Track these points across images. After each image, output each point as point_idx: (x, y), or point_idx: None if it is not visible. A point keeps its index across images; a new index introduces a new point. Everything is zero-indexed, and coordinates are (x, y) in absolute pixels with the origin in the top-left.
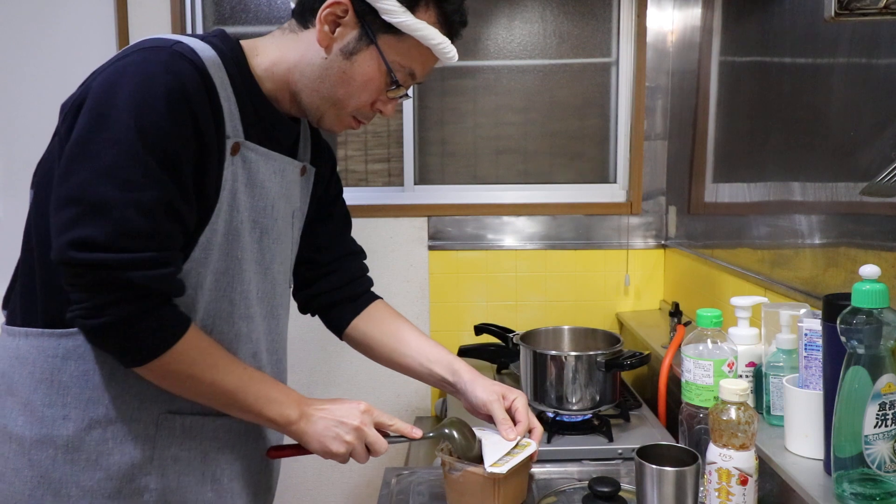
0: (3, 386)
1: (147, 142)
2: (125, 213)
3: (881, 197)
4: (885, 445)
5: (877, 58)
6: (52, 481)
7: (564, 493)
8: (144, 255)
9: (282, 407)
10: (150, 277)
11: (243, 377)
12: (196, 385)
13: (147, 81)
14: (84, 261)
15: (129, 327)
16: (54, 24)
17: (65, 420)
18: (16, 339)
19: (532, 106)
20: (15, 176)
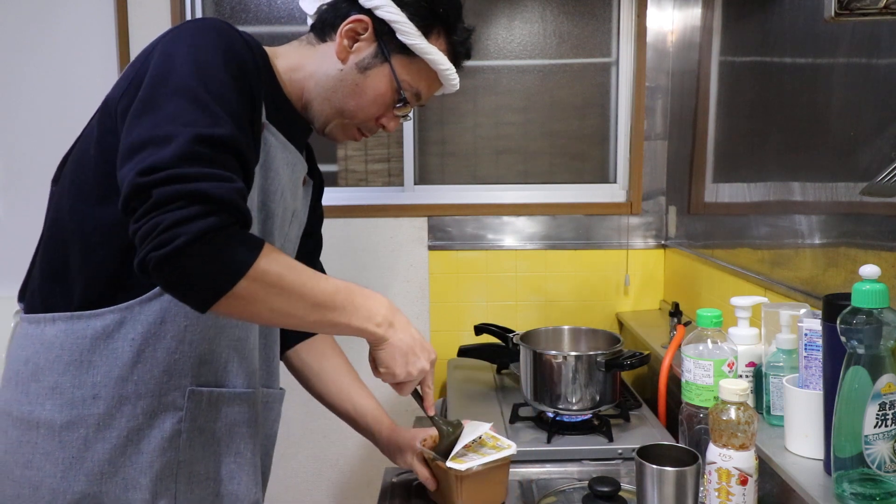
0: (27, 373)
1: (209, 89)
2: (188, 142)
3: (881, 197)
4: (885, 445)
5: (877, 58)
6: (85, 461)
7: (564, 493)
8: (213, 170)
9: (376, 303)
10: (223, 189)
11: (330, 285)
12: (288, 297)
13: (203, 40)
14: (153, 181)
15: (208, 245)
16: (54, 24)
17: (95, 399)
18: (41, 325)
19: (532, 106)
20: (15, 176)
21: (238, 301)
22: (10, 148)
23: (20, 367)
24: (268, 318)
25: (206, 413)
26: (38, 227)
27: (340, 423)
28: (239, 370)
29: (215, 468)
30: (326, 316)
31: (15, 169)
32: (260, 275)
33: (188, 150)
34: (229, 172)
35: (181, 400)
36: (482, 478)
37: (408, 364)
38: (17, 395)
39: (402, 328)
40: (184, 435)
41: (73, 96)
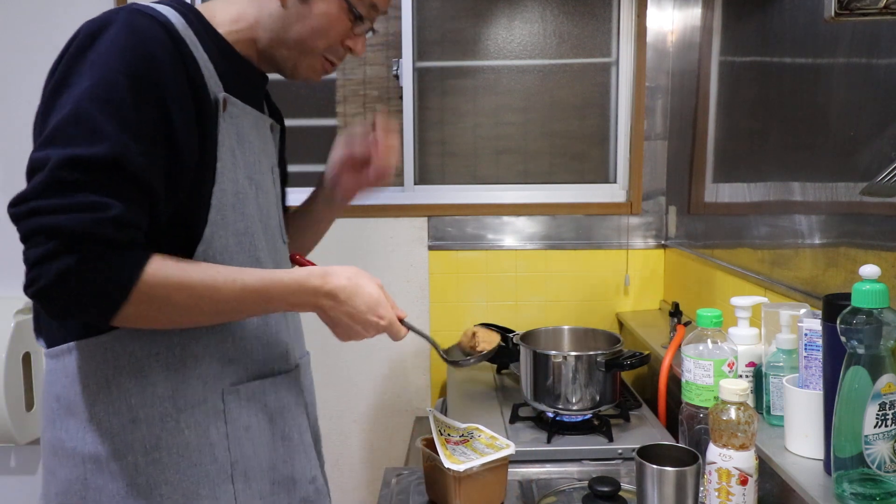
0: (61, 409)
1: (99, 102)
2: (56, 168)
3: (881, 197)
4: (885, 445)
5: (877, 58)
6: (141, 487)
7: (564, 493)
8: (75, 199)
9: (298, 297)
10: (81, 221)
11: (233, 294)
12: (183, 315)
13: (106, 46)
14: (18, 214)
15: (73, 280)
16: (54, 24)
17: (135, 423)
18: (61, 358)
19: (532, 106)
20: (15, 176)
21: (131, 320)
22: (10, 148)
23: (53, 404)
24: (180, 325)
25: (247, 409)
26: None
27: (341, 423)
28: (269, 357)
29: (268, 458)
30: (241, 315)
31: (15, 169)
32: (143, 297)
33: (53, 177)
34: (102, 196)
35: (220, 403)
36: (480, 478)
37: (349, 336)
38: (58, 433)
39: (336, 310)
40: (230, 437)
41: None
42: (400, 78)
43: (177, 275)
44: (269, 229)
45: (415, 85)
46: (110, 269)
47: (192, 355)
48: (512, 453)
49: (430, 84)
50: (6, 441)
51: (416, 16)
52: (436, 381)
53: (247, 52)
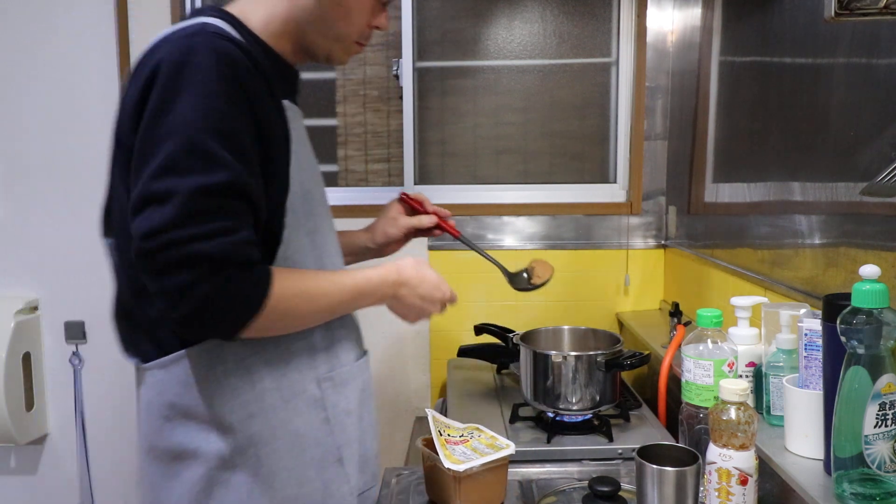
0: (178, 416)
1: (207, 127)
2: (188, 197)
3: (881, 197)
4: (885, 445)
5: (877, 58)
6: (263, 477)
7: (564, 493)
8: (210, 226)
9: (381, 288)
10: (221, 245)
11: (337, 293)
12: (304, 320)
13: (202, 68)
14: (154, 247)
15: (214, 303)
16: (54, 24)
17: (251, 418)
18: (170, 368)
19: (532, 106)
20: (15, 176)
21: (258, 331)
22: (11, 148)
23: (167, 412)
24: (297, 329)
25: (342, 394)
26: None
27: None
28: (349, 344)
29: (358, 438)
30: (340, 312)
31: (15, 169)
32: (272, 310)
33: (186, 209)
34: (231, 219)
35: (317, 391)
36: (480, 478)
37: (419, 315)
38: (178, 438)
39: (410, 293)
40: (332, 422)
41: (74, 96)
42: (400, 78)
43: (296, 285)
44: (328, 219)
45: (415, 85)
46: (246, 288)
47: (288, 349)
48: (512, 453)
49: (430, 84)
50: (6, 441)
51: (416, 16)
52: (436, 381)
53: (281, 47)
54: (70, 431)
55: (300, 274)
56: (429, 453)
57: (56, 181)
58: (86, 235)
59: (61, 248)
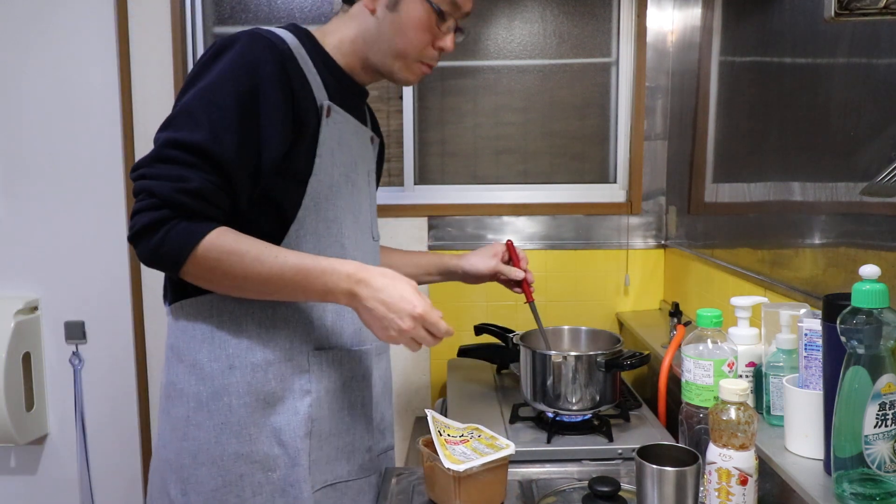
0: (174, 357)
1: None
2: (160, 144)
3: (881, 197)
4: (885, 445)
5: (877, 58)
6: (232, 425)
7: (564, 493)
8: (163, 170)
9: (334, 277)
10: (166, 187)
11: (276, 266)
12: (233, 280)
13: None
14: (132, 176)
15: (149, 234)
16: (54, 24)
17: (231, 370)
18: (174, 314)
19: (532, 106)
20: (15, 176)
21: (194, 277)
22: (10, 148)
23: (168, 352)
24: (233, 292)
25: (328, 373)
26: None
27: None
28: (347, 332)
29: (337, 423)
30: (282, 291)
31: (15, 169)
32: (200, 259)
33: (158, 152)
34: (187, 170)
35: (306, 363)
36: (481, 478)
37: (386, 329)
38: (171, 377)
39: (370, 295)
40: (313, 394)
41: (74, 96)
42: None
43: (230, 244)
44: (359, 222)
45: (415, 85)
46: (178, 233)
47: (283, 317)
48: (512, 453)
49: (430, 84)
50: (6, 441)
51: None
52: (436, 381)
53: (351, 66)
54: (70, 431)
55: (246, 239)
56: (429, 453)
57: (56, 181)
58: (86, 235)
59: (61, 248)
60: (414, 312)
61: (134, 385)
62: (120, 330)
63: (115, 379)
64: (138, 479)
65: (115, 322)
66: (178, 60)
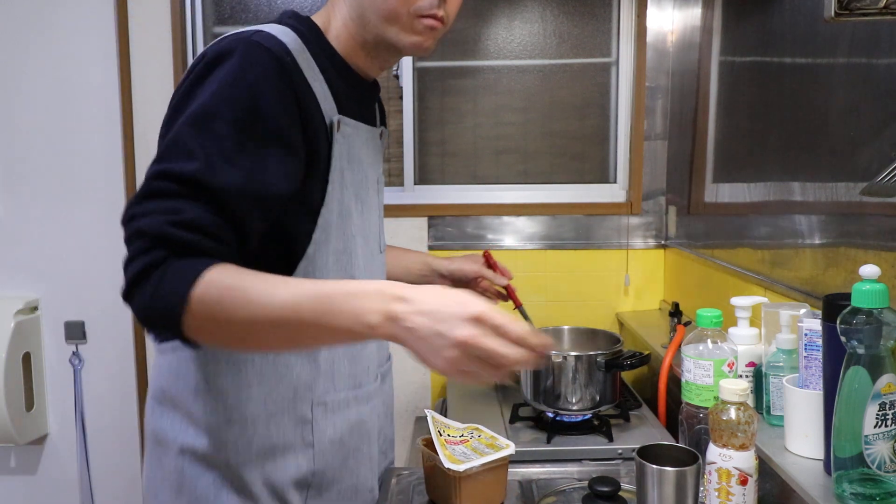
0: (167, 402)
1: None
2: (148, 179)
3: (881, 197)
4: (885, 445)
5: (877, 58)
6: (233, 480)
7: (564, 493)
8: (154, 205)
9: (362, 301)
10: (156, 222)
11: (289, 296)
12: (240, 326)
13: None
14: (122, 220)
15: (143, 282)
16: (54, 24)
17: (229, 423)
18: (167, 355)
19: (532, 106)
20: (15, 176)
21: (196, 332)
22: (10, 148)
23: (158, 395)
24: (241, 344)
25: (331, 421)
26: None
27: None
28: (355, 371)
29: (340, 470)
30: (300, 330)
31: (15, 169)
32: (198, 303)
33: (145, 188)
34: (181, 203)
35: (308, 413)
36: (481, 478)
37: (438, 352)
38: (161, 423)
39: (411, 310)
40: (315, 447)
41: (73, 96)
42: (400, 78)
43: (231, 279)
44: (367, 243)
45: (415, 85)
46: (173, 273)
47: (285, 363)
48: (512, 453)
49: (430, 84)
50: (6, 441)
51: None
52: (436, 381)
53: (352, 53)
54: (70, 431)
55: (252, 272)
56: (429, 453)
57: (56, 181)
58: (86, 235)
59: (61, 248)
60: (469, 313)
61: (134, 385)
62: (120, 330)
63: (115, 379)
64: (138, 479)
65: (115, 322)
66: (178, 60)
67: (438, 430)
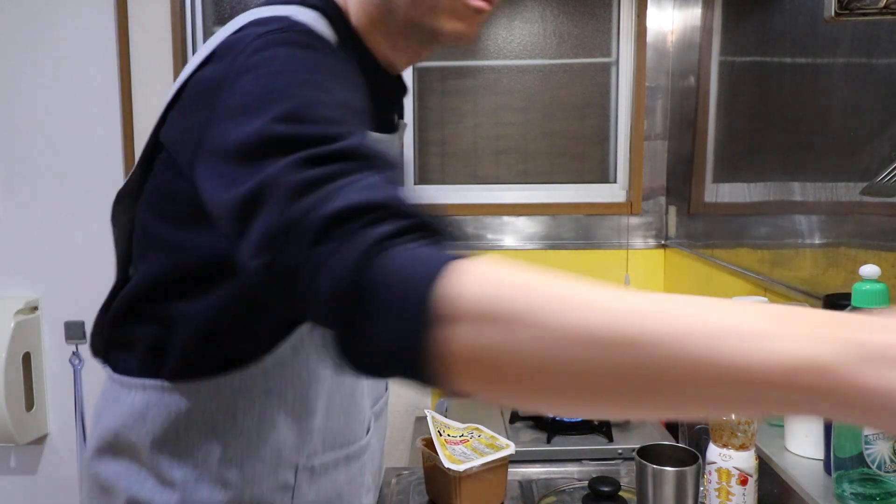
0: (123, 448)
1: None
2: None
3: (881, 197)
4: (885, 445)
5: (877, 58)
6: None
7: (564, 493)
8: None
9: (781, 340)
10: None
11: (629, 317)
12: (541, 364)
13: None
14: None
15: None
16: (54, 24)
17: (197, 482)
18: (131, 392)
19: (532, 106)
20: (15, 176)
21: (463, 365)
22: (10, 148)
23: (109, 437)
24: (530, 397)
25: (316, 485)
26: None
27: None
28: (351, 426)
29: None
30: (677, 382)
31: (15, 169)
32: (471, 311)
33: (276, 142)
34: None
35: (291, 479)
36: (481, 478)
37: None
38: (112, 468)
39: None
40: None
41: (74, 96)
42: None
43: (513, 272)
44: None
45: (415, 85)
46: (415, 259)
47: (271, 422)
48: (512, 453)
49: (430, 84)
50: (6, 441)
51: None
52: None
53: (375, 45)
54: (70, 431)
55: (540, 276)
56: (429, 453)
57: (56, 181)
58: (86, 235)
59: (61, 248)
60: None
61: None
62: None
63: None
64: None
65: None
66: (178, 60)
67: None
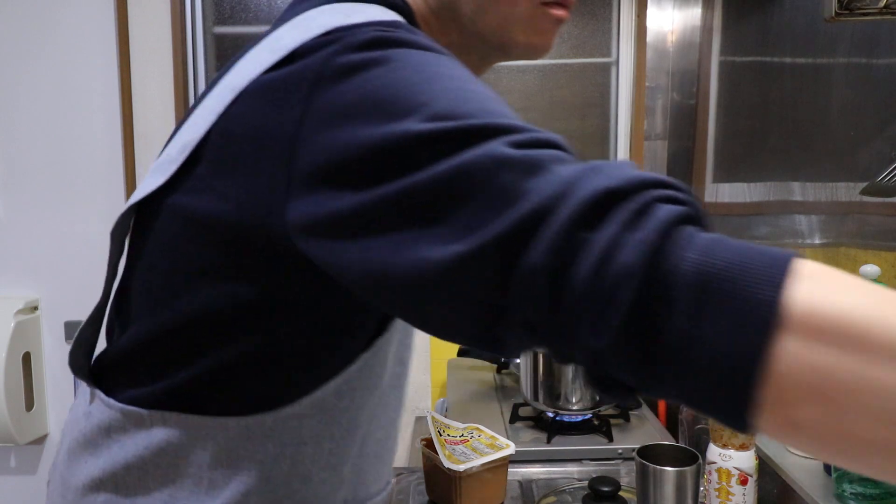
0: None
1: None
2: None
3: (881, 197)
4: None
5: (877, 58)
6: None
7: (564, 493)
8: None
9: None
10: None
11: None
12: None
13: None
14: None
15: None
16: (54, 24)
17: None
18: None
19: (532, 106)
20: (15, 176)
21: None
22: (10, 148)
23: (119, 470)
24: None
25: None
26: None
27: None
28: (380, 473)
29: None
30: None
31: (15, 169)
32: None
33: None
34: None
35: None
36: (481, 478)
37: None
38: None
39: None
40: None
41: (74, 96)
42: None
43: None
44: None
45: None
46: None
47: (301, 475)
48: (512, 453)
49: None
50: (6, 441)
51: None
52: (436, 381)
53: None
54: None
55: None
56: (429, 453)
57: (56, 181)
58: (86, 235)
59: (61, 248)
60: None
61: None
62: None
63: None
64: None
65: None
66: (178, 60)
67: (438, 429)
